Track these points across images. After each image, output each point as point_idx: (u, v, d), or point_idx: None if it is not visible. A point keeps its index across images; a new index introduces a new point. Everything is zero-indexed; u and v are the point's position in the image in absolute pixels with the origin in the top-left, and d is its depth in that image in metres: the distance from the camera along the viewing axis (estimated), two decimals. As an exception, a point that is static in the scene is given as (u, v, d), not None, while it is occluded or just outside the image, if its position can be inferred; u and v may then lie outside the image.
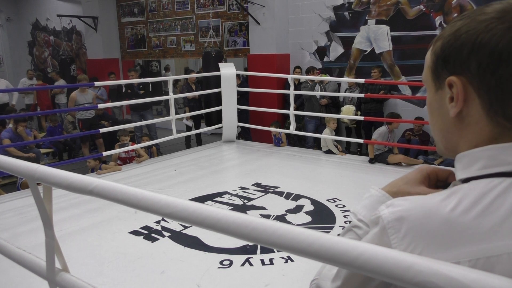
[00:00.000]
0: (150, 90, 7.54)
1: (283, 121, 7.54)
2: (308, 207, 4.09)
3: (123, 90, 7.70)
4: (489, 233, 0.57)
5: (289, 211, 3.99)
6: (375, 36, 7.09)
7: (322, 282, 0.76)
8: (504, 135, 0.62)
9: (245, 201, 4.28)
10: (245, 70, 8.87)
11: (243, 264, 3.01)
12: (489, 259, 0.56)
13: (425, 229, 0.60)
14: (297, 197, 4.35)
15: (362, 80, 6.13)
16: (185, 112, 7.73)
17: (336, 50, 7.56)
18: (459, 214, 0.59)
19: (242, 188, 4.67)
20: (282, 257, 3.05)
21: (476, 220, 0.58)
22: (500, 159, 0.62)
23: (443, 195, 0.62)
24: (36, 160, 6.31)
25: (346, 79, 7.00)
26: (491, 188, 0.60)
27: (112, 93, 9.24)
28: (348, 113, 6.51)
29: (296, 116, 6.76)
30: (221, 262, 3.03)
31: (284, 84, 7.55)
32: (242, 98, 7.41)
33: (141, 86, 7.52)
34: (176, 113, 6.16)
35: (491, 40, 0.59)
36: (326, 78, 6.92)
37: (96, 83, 6.10)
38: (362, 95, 6.29)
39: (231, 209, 3.92)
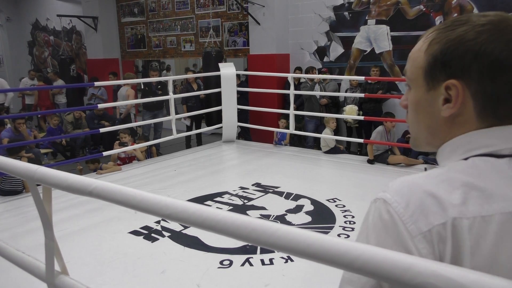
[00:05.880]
0: (168, 92, 7.51)
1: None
2: (308, 207, 4.09)
3: (142, 87, 7.74)
4: (483, 197, 0.62)
5: (289, 211, 3.99)
6: (375, 36, 7.08)
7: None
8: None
9: (245, 201, 4.27)
10: (245, 70, 8.86)
11: (243, 264, 3.01)
12: (484, 218, 0.61)
13: (422, 196, 0.63)
14: (297, 197, 4.34)
15: (362, 78, 6.12)
16: (183, 110, 7.69)
17: (336, 50, 7.56)
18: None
19: (242, 188, 4.67)
20: (282, 257, 3.05)
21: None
22: (480, 142, 0.66)
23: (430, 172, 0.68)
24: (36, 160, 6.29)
25: (345, 77, 6.99)
26: (477, 164, 0.65)
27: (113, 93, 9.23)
28: (351, 113, 6.49)
29: (296, 116, 6.76)
30: (221, 262, 3.03)
31: (284, 84, 7.55)
32: (242, 98, 7.40)
33: (159, 86, 7.52)
34: (176, 113, 6.16)
35: (494, 50, 0.64)
36: (326, 76, 6.91)
37: (96, 83, 6.10)
38: (362, 95, 6.29)
39: (231, 209, 3.93)
